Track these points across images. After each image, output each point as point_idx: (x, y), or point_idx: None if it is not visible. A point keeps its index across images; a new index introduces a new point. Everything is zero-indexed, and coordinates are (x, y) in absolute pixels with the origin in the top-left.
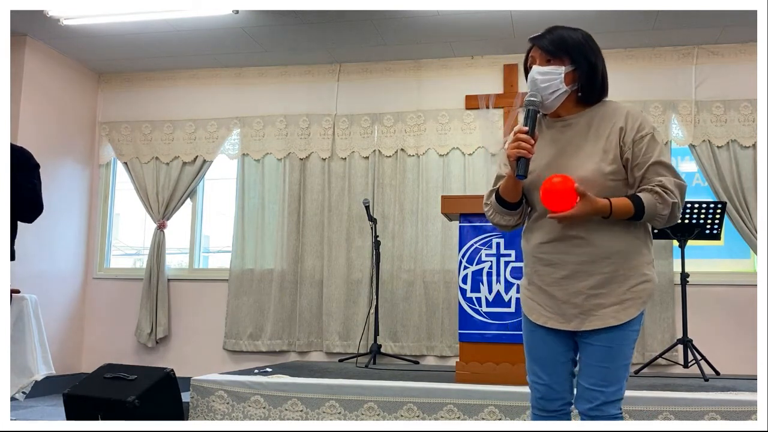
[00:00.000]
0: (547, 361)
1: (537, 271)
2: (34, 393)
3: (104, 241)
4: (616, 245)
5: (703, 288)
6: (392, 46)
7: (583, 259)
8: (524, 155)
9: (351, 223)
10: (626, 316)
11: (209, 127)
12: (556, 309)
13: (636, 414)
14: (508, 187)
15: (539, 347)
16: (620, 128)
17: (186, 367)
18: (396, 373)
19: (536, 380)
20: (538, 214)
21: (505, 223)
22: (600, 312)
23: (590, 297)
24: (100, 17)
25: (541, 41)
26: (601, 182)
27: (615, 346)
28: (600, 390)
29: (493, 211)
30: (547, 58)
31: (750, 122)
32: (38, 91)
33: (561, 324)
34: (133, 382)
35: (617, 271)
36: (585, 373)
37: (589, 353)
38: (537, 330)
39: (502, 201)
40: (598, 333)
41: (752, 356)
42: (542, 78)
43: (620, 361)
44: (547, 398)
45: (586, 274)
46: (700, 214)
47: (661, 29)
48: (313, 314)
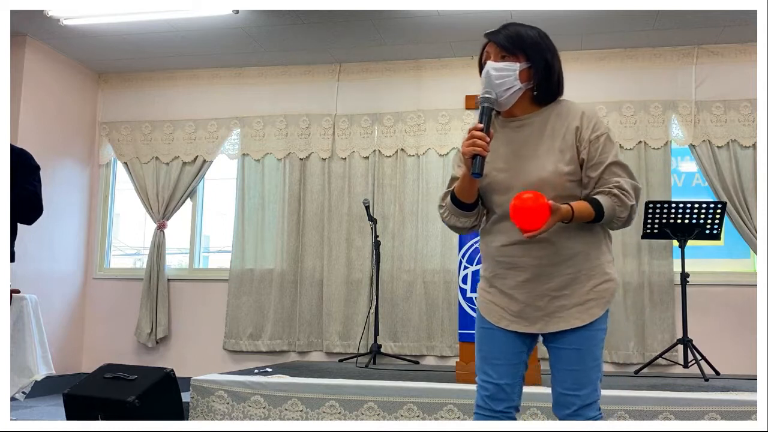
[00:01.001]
0: (499, 362)
1: (498, 274)
2: (34, 393)
3: (104, 241)
4: (578, 246)
5: (703, 288)
6: (392, 46)
7: (545, 262)
8: (480, 153)
9: (351, 223)
10: (590, 316)
11: (209, 127)
12: (518, 312)
13: (636, 414)
14: (463, 187)
15: (494, 348)
16: (576, 128)
17: (186, 367)
18: (396, 373)
19: (486, 379)
20: (497, 216)
21: (461, 225)
22: (563, 313)
23: (553, 299)
24: (100, 17)
25: (496, 37)
26: (559, 183)
27: (583, 348)
28: (575, 394)
29: (448, 213)
30: (502, 54)
31: (750, 122)
32: (38, 91)
33: (525, 327)
34: (133, 382)
35: (579, 272)
36: (557, 378)
37: (558, 358)
38: (494, 330)
39: (458, 202)
40: (564, 336)
41: (752, 356)
42: (497, 74)
43: (590, 362)
44: (495, 398)
45: (548, 276)
46: (700, 214)
47: (661, 29)
48: (313, 314)
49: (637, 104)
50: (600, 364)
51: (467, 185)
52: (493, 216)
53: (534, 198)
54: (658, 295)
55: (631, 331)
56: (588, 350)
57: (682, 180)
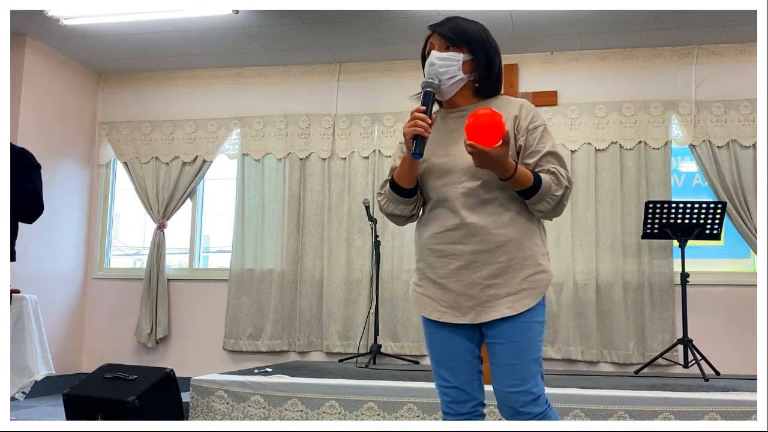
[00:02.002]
0: (453, 362)
1: (430, 264)
2: (34, 393)
3: (104, 241)
4: (511, 233)
5: (703, 288)
6: (392, 46)
7: (478, 248)
8: (421, 133)
9: (351, 223)
10: (522, 306)
11: (209, 127)
12: (451, 302)
13: (636, 414)
14: (403, 170)
15: (443, 348)
16: (515, 116)
17: (186, 367)
18: (396, 373)
19: (444, 384)
20: (433, 202)
21: (400, 212)
22: (495, 303)
23: (486, 288)
24: (100, 17)
25: (441, 28)
26: None
27: (520, 341)
28: (518, 390)
29: (387, 201)
30: (447, 45)
31: (750, 122)
32: (38, 91)
33: (457, 317)
34: (133, 382)
35: (512, 261)
36: (498, 375)
37: (496, 353)
38: (439, 331)
39: (397, 188)
40: (499, 328)
41: (752, 356)
42: (441, 63)
43: (528, 355)
44: (458, 401)
45: (480, 263)
46: (700, 214)
47: (661, 29)
48: (313, 314)
49: (637, 104)
50: (540, 358)
51: (406, 168)
52: (429, 203)
53: (491, 114)
54: (658, 295)
55: (631, 331)
56: (526, 343)
57: (682, 180)
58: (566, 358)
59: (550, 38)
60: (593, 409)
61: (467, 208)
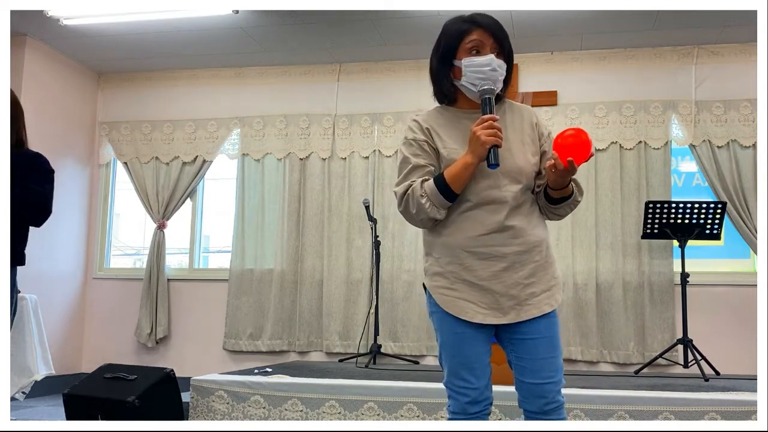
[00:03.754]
0: (477, 364)
1: (468, 267)
2: (34, 393)
3: (104, 241)
4: (541, 233)
5: (703, 288)
6: (392, 46)
7: (519, 249)
8: (499, 143)
9: (351, 223)
10: (555, 302)
11: (209, 127)
12: (492, 303)
13: (636, 414)
14: (463, 176)
15: (470, 351)
16: (535, 123)
17: (186, 367)
18: (396, 373)
19: (466, 386)
20: (470, 204)
21: (440, 217)
22: (533, 300)
23: (525, 287)
24: (100, 17)
25: (497, 31)
26: (530, 172)
27: (552, 335)
28: (551, 381)
29: (430, 204)
30: (497, 52)
31: (750, 122)
32: (38, 91)
33: (498, 318)
34: (133, 382)
35: (544, 259)
36: (531, 369)
37: (528, 349)
38: (465, 332)
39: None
40: (534, 324)
41: (752, 356)
42: (500, 71)
43: (558, 348)
44: (475, 402)
45: (520, 264)
46: (700, 214)
47: (661, 29)
48: (313, 314)
49: (637, 104)
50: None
51: (469, 175)
52: (464, 204)
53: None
54: (658, 295)
55: (631, 331)
56: (555, 336)
57: (682, 180)
58: (566, 358)
59: (550, 38)
60: (593, 409)
61: (509, 210)
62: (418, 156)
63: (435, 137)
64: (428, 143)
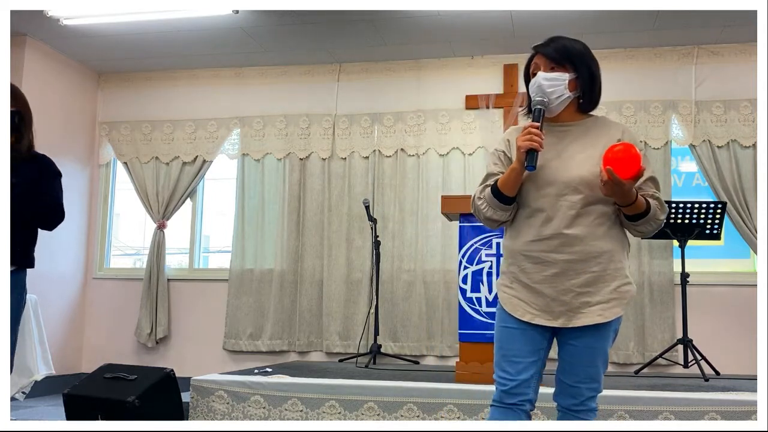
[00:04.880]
0: (519, 359)
1: (524, 269)
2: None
3: (104, 241)
4: (605, 245)
5: (703, 288)
6: (392, 46)
7: (573, 258)
8: (536, 147)
9: (351, 223)
10: (611, 315)
11: (209, 127)
12: (543, 306)
13: (636, 414)
14: (510, 180)
15: (514, 346)
16: (618, 139)
17: (186, 367)
18: (396, 373)
19: (504, 376)
20: (530, 210)
21: (498, 218)
22: (587, 310)
23: (579, 295)
24: (100, 17)
25: (545, 49)
26: (596, 184)
27: (598, 347)
28: (585, 387)
29: (487, 206)
30: (552, 66)
31: (750, 122)
32: (38, 91)
33: (548, 321)
34: (133, 382)
35: (605, 271)
36: (568, 371)
37: (572, 353)
38: (516, 328)
39: (500, 195)
40: (581, 333)
41: (752, 356)
42: (548, 83)
43: (602, 359)
44: (510, 393)
45: (575, 272)
46: (700, 214)
47: (661, 29)
48: (313, 314)
49: (637, 104)
50: (608, 359)
51: (514, 178)
52: (525, 210)
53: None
54: (658, 295)
55: (631, 331)
56: (601, 348)
57: (682, 180)
58: None
59: None
60: None
61: (566, 219)
62: (495, 165)
63: (511, 148)
64: (505, 153)
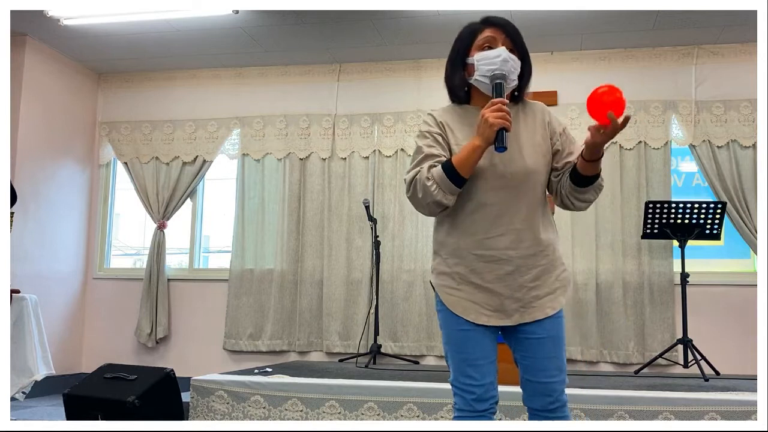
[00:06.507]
0: (483, 362)
1: (475, 269)
2: (34, 393)
3: (104, 241)
4: (550, 236)
5: (703, 288)
6: (392, 46)
7: (526, 253)
8: (507, 126)
9: (351, 223)
10: (559, 304)
11: (209, 127)
12: (497, 306)
13: (636, 414)
14: (471, 159)
15: (476, 349)
16: (547, 122)
17: (186, 367)
18: (396, 373)
19: (472, 382)
20: (475, 205)
21: (447, 203)
22: (537, 303)
23: (529, 290)
24: (100, 17)
25: (508, 28)
26: (543, 172)
27: (556, 335)
28: (556, 380)
29: (437, 188)
30: (511, 48)
31: (750, 122)
32: (38, 91)
33: (502, 320)
34: (133, 382)
35: (550, 263)
36: (535, 368)
37: (533, 348)
38: (470, 331)
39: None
40: (539, 326)
41: (752, 356)
42: (512, 63)
43: (562, 347)
44: (481, 399)
45: (527, 267)
46: (700, 214)
47: (661, 29)
48: (313, 314)
49: (637, 104)
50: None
51: (476, 158)
52: (468, 204)
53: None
54: (658, 295)
55: (631, 331)
56: (559, 336)
57: (682, 180)
58: (567, 358)
59: (550, 38)
60: (593, 409)
61: (517, 213)
62: (431, 147)
63: (448, 132)
64: (442, 136)
